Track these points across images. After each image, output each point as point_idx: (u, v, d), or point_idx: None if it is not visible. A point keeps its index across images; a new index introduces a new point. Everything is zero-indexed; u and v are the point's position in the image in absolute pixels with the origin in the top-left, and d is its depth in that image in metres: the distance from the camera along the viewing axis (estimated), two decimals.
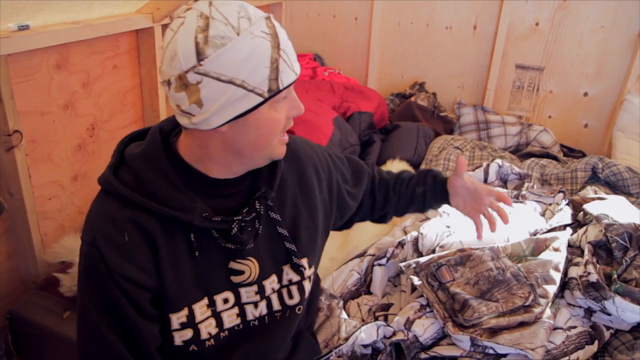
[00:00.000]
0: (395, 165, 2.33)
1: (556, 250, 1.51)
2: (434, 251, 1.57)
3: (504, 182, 2.01)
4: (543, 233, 1.61)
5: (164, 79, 0.83)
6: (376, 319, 1.45)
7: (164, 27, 2.04)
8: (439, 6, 2.97)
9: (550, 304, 1.39)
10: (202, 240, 0.91)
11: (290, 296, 1.03)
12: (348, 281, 1.58)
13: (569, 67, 2.85)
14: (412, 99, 2.92)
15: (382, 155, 2.42)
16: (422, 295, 1.42)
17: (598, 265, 1.45)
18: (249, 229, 0.94)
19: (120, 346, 0.89)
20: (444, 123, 2.90)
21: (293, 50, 0.86)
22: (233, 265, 0.96)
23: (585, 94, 2.87)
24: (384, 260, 1.61)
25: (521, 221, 1.63)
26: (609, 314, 1.39)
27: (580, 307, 1.45)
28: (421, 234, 1.64)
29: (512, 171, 1.99)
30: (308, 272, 1.05)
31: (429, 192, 1.29)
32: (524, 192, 1.86)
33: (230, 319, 0.98)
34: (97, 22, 1.73)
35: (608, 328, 1.41)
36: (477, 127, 2.88)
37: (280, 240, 1.01)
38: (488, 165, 2.00)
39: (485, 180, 2.00)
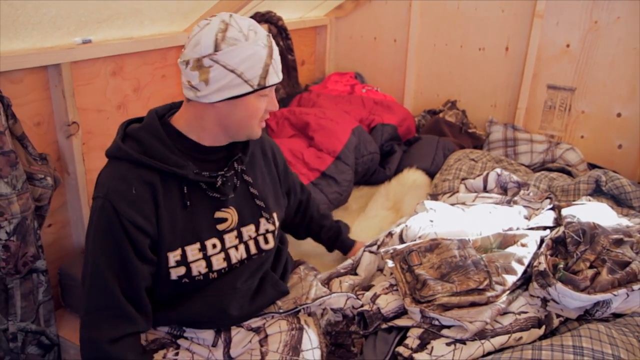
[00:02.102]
0: (412, 174, 2.51)
1: (523, 245, 1.64)
2: (414, 241, 1.76)
3: (504, 190, 2.13)
4: (516, 230, 1.73)
5: (184, 59, 1.15)
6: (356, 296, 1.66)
7: None
8: (472, 28, 3.13)
9: (508, 292, 1.53)
10: (193, 193, 1.21)
11: (266, 241, 1.37)
12: (339, 265, 1.79)
13: (601, 88, 2.89)
14: (441, 115, 3.08)
15: (402, 164, 2.60)
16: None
17: (549, 257, 1.57)
18: (229, 183, 1.27)
19: (116, 286, 1.12)
20: (472, 139, 3.03)
21: (280, 64, 1.22)
22: (218, 214, 1.26)
23: (619, 115, 2.90)
24: (374, 248, 1.80)
25: (498, 220, 1.76)
26: (557, 302, 1.50)
27: (538, 297, 1.57)
28: (407, 226, 1.81)
29: (511, 180, 2.10)
30: (278, 222, 1.42)
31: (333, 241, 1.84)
32: (515, 198, 1.98)
33: (218, 262, 1.27)
34: (147, 38, 2.10)
35: (559, 316, 1.52)
36: (504, 144, 2.98)
37: (253, 198, 1.33)
38: (487, 174, 2.13)
39: (485, 188, 2.12)
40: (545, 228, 1.78)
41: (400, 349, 1.40)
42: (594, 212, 1.71)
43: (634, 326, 1.42)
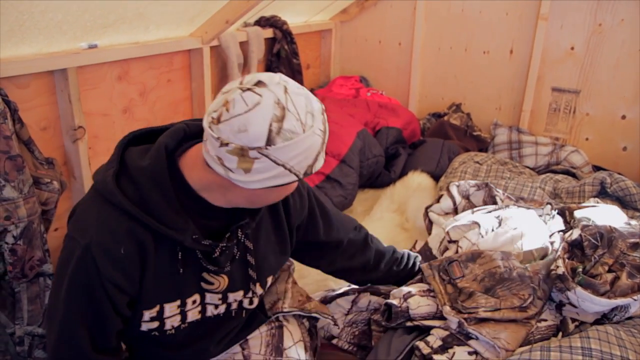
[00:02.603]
0: (416, 176, 2.52)
1: (552, 253, 1.62)
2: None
3: (467, 199, 2.08)
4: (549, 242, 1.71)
5: (222, 141, 0.89)
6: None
7: (212, 48, 2.40)
8: (476, 32, 3.14)
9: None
10: (187, 257, 1.04)
11: (251, 302, 1.21)
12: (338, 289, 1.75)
13: (605, 90, 2.89)
14: (445, 118, 3.08)
15: (407, 167, 2.61)
16: None
17: (567, 261, 1.56)
18: (227, 252, 1.08)
19: (86, 339, 0.99)
20: (477, 142, 3.03)
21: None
22: (206, 276, 1.09)
23: (624, 117, 2.89)
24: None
25: (535, 229, 1.74)
26: (575, 307, 1.49)
27: (553, 301, 1.56)
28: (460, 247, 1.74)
29: (470, 185, 2.06)
30: (269, 284, 1.28)
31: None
32: (514, 207, 1.96)
33: (193, 315, 1.12)
34: (153, 42, 2.11)
35: (574, 321, 1.51)
36: (509, 146, 2.98)
37: (247, 267, 1.16)
38: (448, 191, 2.08)
39: (455, 204, 2.07)
40: (559, 232, 1.77)
41: (420, 344, 1.37)
42: (607, 215, 1.70)
43: None
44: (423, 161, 2.62)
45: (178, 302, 1.08)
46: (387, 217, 2.29)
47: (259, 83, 0.91)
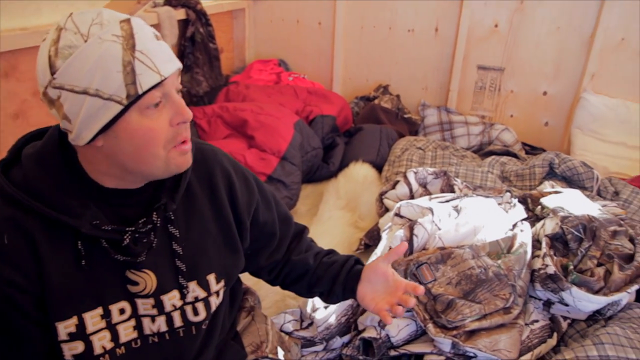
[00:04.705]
0: (359, 168, 2.34)
1: (522, 245, 1.53)
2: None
3: (424, 187, 1.98)
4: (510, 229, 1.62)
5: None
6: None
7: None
8: (400, 9, 3.01)
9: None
10: (93, 248, 0.86)
11: (196, 313, 0.97)
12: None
13: (528, 67, 2.91)
14: (376, 101, 2.94)
15: (345, 158, 2.43)
16: None
17: (555, 258, 1.48)
18: (144, 240, 0.89)
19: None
20: (408, 125, 2.93)
21: (161, 51, 0.81)
22: (129, 274, 0.90)
23: (545, 93, 2.93)
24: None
25: (496, 219, 1.63)
26: (566, 305, 1.41)
27: (540, 299, 1.47)
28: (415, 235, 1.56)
29: (427, 172, 1.98)
30: (216, 287, 0.99)
31: (342, 274, 1.15)
32: (473, 195, 1.87)
33: (127, 331, 0.91)
34: (47, 28, 1.70)
35: (565, 318, 1.43)
36: (440, 127, 2.91)
37: (174, 258, 0.95)
38: (405, 177, 1.97)
39: (411, 192, 1.96)
40: (522, 221, 1.69)
41: None
42: (576, 202, 1.64)
43: (637, 319, 1.37)
44: (362, 150, 2.45)
45: (100, 311, 0.87)
46: (337, 215, 2.10)
47: None
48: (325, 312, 1.43)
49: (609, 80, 2.76)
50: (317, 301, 1.48)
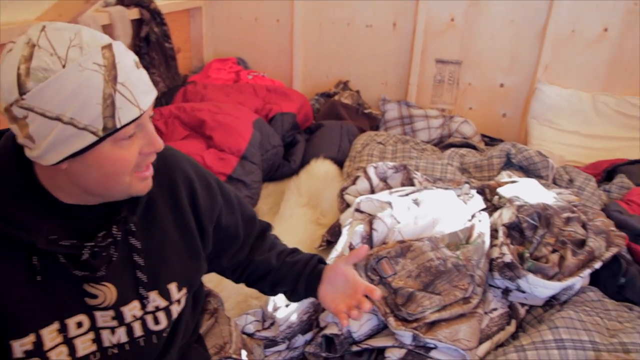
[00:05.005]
0: (321, 164, 2.34)
1: (480, 235, 1.54)
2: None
3: (384, 181, 1.99)
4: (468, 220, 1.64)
5: None
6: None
7: None
8: (358, 6, 3.01)
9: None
10: (49, 263, 0.82)
11: (157, 322, 0.95)
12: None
13: (484, 60, 2.95)
14: (336, 97, 2.94)
15: (307, 155, 2.42)
16: None
17: (512, 246, 1.50)
18: (104, 254, 0.86)
19: None
20: (369, 120, 2.94)
21: (141, 82, 0.79)
22: (87, 287, 0.87)
23: (502, 85, 2.99)
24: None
25: (455, 210, 1.64)
26: (523, 292, 1.44)
27: (499, 287, 1.50)
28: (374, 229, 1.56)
29: (387, 167, 1.99)
30: (177, 295, 0.98)
31: (305, 274, 1.15)
32: (430, 187, 1.89)
33: (85, 345, 0.88)
34: None
35: (523, 305, 1.46)
36: (401, 122, 2.93)
37: (135, 269, 0.93)
38: (365, 172, 1.98)
39: (372, 186, 1.96)
40: (480, 212, 1.72)
41: None
42: (532, 190, 1.67)
43: (590, 302, 1.40)
44: (324, 147, 2.45)
45: (57, 325, 0.84)
46: (298, 213, 2.09)
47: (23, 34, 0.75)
48: (287, 311, 1.42)
49: (562, 71, 2.83)
50: (278, 301, 1.47)
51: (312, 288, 1.13)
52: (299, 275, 1.15)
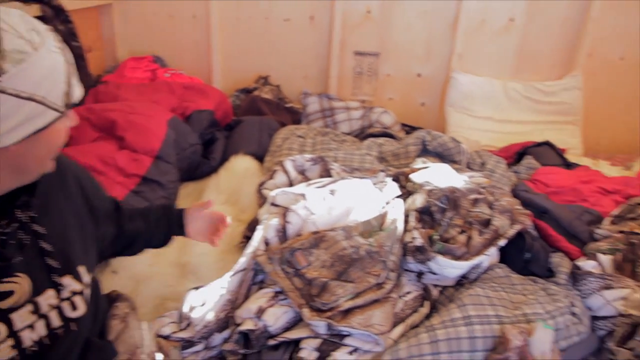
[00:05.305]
0: (240, 161, 2.30)
1: (393, 221, 1.57)
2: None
3: (302, 174, 2.00)
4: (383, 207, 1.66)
5: None
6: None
7: None
8: None
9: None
10: None
11: (74, 307, 0.96)
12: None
13: (401, 51, 3.02)
14: (256, 93, 2.91)
15: (227, 152, 2.37)
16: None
17: (423, 230, 1.54)
18: (12, 242, 0.85)
19: None
20: (291, 114, 2.93)
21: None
22: None
23: (419, 75, 3.06)
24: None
25: (369, 199, 1.66)
26: (435, 274, 1.48)
27: (412, 271, 1.53)
28: (288, 222, 1.55)
29: (305, 159, 2.00)
30: (86, 278, 0.99)
31: (163, 218, 1.33)
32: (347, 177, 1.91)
33: (3, 353, 0.85)
34: None
35: (436, 286, 1.50)
36: (322, 114, 2.94)
37: (43, 256, 0.92)
38: (283, 166, 1.98)
39: (290, 180, 1.96)
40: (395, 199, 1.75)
41: None
42: (443, 175, 1.72)
43: (498, 278, 1.46)
44: (243, 143, 2.41)
45: None
46: (218, 210, 2.04)
47: None
48: (203, 310, 1.39)
49: (474, 59, 2.94)
50: (194, 301, 1.44)
51: (180, 232, 1.33)
52: (169, 226, 1.32)
